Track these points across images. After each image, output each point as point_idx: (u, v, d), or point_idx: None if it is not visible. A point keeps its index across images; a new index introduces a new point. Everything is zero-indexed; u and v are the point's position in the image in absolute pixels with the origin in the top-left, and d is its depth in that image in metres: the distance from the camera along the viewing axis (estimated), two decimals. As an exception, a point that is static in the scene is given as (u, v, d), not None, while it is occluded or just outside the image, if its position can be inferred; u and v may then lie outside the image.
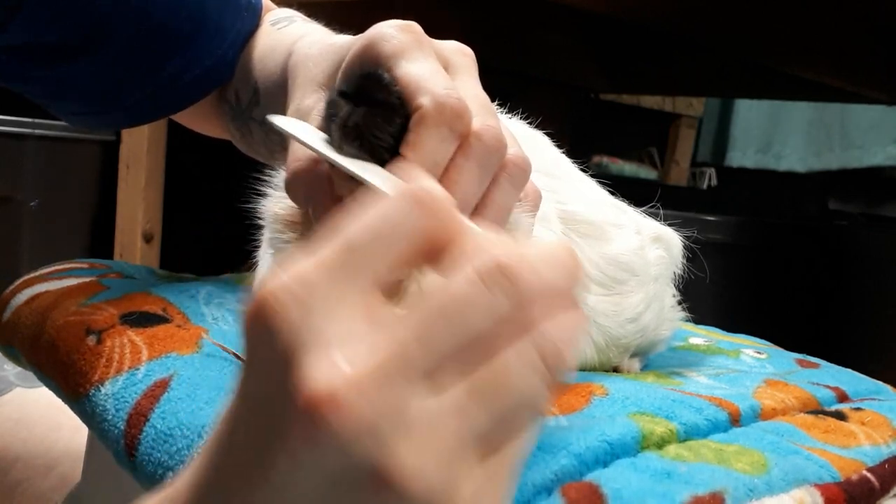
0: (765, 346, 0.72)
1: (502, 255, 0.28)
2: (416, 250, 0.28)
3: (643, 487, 0.37)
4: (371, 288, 0.27)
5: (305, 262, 0.27)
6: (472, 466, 0.27)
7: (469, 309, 0.27)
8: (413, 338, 0.26)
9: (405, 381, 0.26)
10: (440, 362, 0.27)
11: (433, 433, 0.26)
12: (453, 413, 0.27)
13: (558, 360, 0.28)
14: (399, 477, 0.25)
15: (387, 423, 0.25)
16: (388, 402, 0.26)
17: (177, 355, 0.50)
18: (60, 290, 0.59)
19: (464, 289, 0.27)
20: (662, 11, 1.55)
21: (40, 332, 0.54)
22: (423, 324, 0.27)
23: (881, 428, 0.50)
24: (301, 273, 0.27)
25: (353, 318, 0.27)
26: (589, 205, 0.54)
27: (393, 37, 0.41)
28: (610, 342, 0.55)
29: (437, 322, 0.27)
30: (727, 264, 1.41)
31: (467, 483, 0.27)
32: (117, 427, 0.46)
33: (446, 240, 0.29)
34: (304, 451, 0.26)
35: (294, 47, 0.53)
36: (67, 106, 0.67)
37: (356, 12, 1.81)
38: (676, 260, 0.61)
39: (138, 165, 1.69)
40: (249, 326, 0.27)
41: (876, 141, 2.61)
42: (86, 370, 0.50)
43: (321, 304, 0.26)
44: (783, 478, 0.41)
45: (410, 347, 0.26)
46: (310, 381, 0.25)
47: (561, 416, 0.44)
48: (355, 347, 0.26)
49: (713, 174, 3.00)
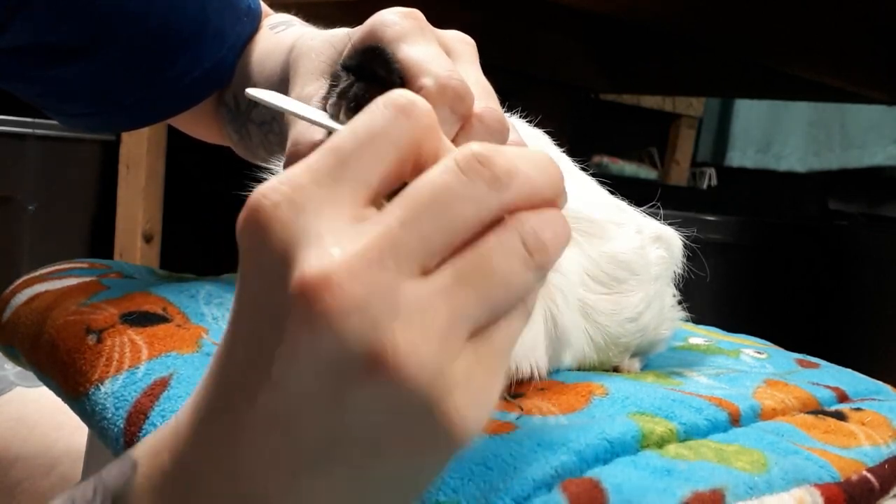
0: (765, 346, 0.72)
1: (480, 147, 0.29)
2: (402, 157, 0.29)
3: (644, 483, 0.37)
4: (361, 191, 0.29)
5: (296, 168, 0.28)
6: (462, 348, 0.28)
7: (449, 195, 0.28)
8: (398, 225, 0.28)
9: (394, 265, 0.27)
10: (426, 248, 0.28)
11: (423, 314, 0.27)
12: (441, 296, 0.28)
13: (541, 248, 0.29)
14: (392, 356, 0.26)
15: (378, 302, 0.26)
16: (378, 282, 0.27)
17: (177, 354, 0.50)
18: (60, 289, 0.59)
19: (443, 177, 0.28)
20: (662, 11, 1.55)
21: (40, 332, 0.54)
22: (407, 211, 0.28)
23: (881, 428, 0.50)
24: (291, 177, 0.28)
25: (342, 216, 0.28)
26: (589, 203, 0.54)
27: (395, 22, 0.41)
28: (609, 341, 0.55)
29: (420, 210, 0.28)
30: (727, 264, 1.41)
31: (458, 364, 0.28)
32: (117, 425, 0.46)
33: (432, 148, 0.30)
34: (301, 338, 0.27)
35: (296, 43, 0.53)
36: (67, 107, 0.67)
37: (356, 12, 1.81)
38: (677, 260, 0.61)
39: (138, 165, 1.69)
40: (243, 228, 0.28)
41: (876, 141, 2.61)
42: (86, 369, 0.50)
43: (312, 203, 0.28)
44: (783, 477, 0.41)
45: (396, 233, 0.27)
46: (303, 267, 0.26)
47: (561, 416, 0.44)
48: (345, 236, 0.27)
49: (713, 174, 3.00)
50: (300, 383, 0.28)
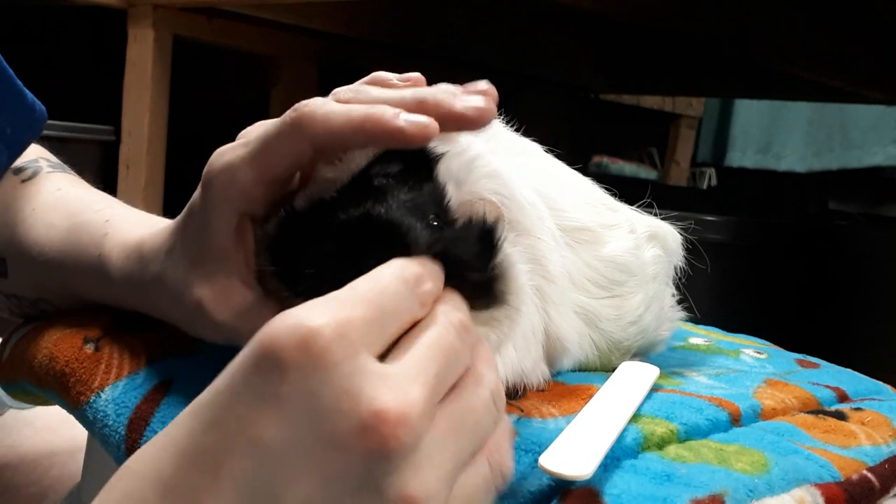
0: (765, 345, 0.71)
1: (462, 314, 0.36)
2: (416, 317, 0.35)
3: (643, 492, 0.37)
4: (388, 340, 0.34)
5: (342, 307, 0.32)
6: (455, 481, 0.33)
7: (455, 353, 0.35)
8: (434, 377, 0.33)
9: (432, 408, 0.32)
10: (441, 393, 0.33)
11: (439, 459, 0.32)
12: (447, 440, 0.33)
13: (499, 398, 0.36)
14: (423, 499, 0.31)
15: (423, 444, 0.31)
16: (426, 425, 0.32)
17: (176, 358, 0.50)
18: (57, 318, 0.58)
19: (448, 337, 0.35)
20: (662, 11, 1.55)
21: (38, 349, 0.54)
22: (439, 367, 0.33)
23: (881, 428, 0.50)
24: (340, 313, 0.32)
25: (374, 359, 0.32)
26: (581, 209, 0.54)
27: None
28: (612, 346, 0.55)
29: (444, 363, 0.34)
30: (727, 264, 1.41)
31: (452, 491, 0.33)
32: (118, 432, 0.46)
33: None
34: (362, 461, 0.30)
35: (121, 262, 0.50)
36: None
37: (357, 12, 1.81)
38: (675, 255, 0.60)
39: (138, 165, 1.69)
40: (289, 349, 0.31)
41: (876, 141, 2.61)
42: (86, 378, 0.50)
43: (362, 343, 0.32)
44: (783, 477, 0.41)
45: (434, 383, 0.33)
46: (380, 402, 0.30)
47: (560, 418, 0.44)
48: (405, 380, 0.31)
49: (713, 174, 3.00)
50: (336, 489, 0.31)
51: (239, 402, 0.31)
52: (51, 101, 0.64)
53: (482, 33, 2.04)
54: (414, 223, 0.37)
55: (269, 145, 0.41)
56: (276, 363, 0.31)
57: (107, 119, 1.74)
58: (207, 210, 0.43)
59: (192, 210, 0.45)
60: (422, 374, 0.32)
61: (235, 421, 0.31)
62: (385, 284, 0.34)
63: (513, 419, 0.43)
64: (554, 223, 0.51)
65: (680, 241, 0.60)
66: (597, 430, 0.40)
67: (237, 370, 0.32)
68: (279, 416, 0.31)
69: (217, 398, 0.32)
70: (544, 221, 0.50)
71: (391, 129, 0.38)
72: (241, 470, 0.31)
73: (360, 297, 0.33)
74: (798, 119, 2.74)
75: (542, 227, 0.49)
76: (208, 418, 0.32)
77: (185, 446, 0.32)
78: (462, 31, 2.00)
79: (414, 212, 0.38)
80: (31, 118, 0.61)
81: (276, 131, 0.40)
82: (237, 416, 0.31)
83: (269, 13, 1.76)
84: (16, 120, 0.60)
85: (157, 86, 1.69)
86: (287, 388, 0.30)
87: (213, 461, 0.31)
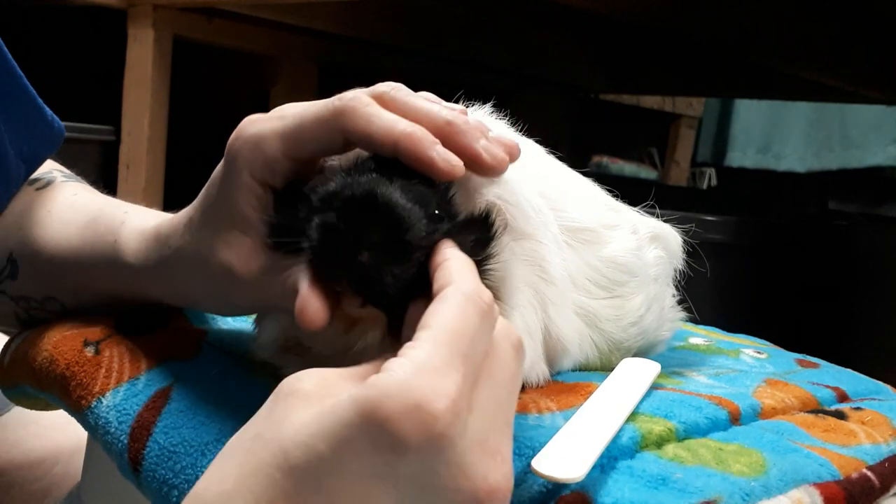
0: (765, 345, 0.71)
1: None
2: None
3: (636, 498, 0.37)
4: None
5: (449, 375, 0.33)
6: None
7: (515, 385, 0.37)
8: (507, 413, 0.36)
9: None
10: None
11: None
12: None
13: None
14: None
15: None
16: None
17: (176, 361, 0.50)
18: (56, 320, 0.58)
19: (513, 370, 0.36)
20: (662, 11, 1.55)
21: (38, 351, 0.54)
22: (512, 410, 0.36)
23: (881, 427, 0.50)
24: (450, 386, 0.32)
25: (493, 427, 0.34)
26: (582, 210, 0.54)
27: None
28: (613, 347, 0.55)
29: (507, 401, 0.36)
30: (727, 264, 1.41)
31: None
32: (120, 441, 0.46)
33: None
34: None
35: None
36: None
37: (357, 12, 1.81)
38: (676, 257, 0.60)
39: (138, 165, 1.69)
40: (411, 430, 0.31)
41: (875, 141, 2.61)
42: (86, 381, 0.50)
43: (465, 411, 0.33)
44: (781, 478, 0.41)
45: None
46: (488, 480, 0.33)
47: (558, 413, 0.44)
48: (497, 448, 0.34)
49: (713, 174, 3.00)
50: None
51: (349, 476, 0.31)
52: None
53: (482, 33, 2.04)
54: (417, 209, 0.38)
55: (304, 126, 0.41)
56: (392, 443, 0.31)
57: (107, 119, 1.74)
58: (232, 175, 0.43)
59: (213, 181, 0.46)
60: (506, 427, 0.35)
61: (346, 493, 0.31)
62: (475, 328, 0.35)
63: None
64: (556, 224, 0.52)
65: (681, 243, 0.60)
66: (592, 429, 0.40)
67: (339, 437, 0.31)
68: (396, 492, 0.32)
69: (316, 465, 0.31)
70: (547, 225, 0.50)
71: (423, 157, 0.39)
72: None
73: (458, 346, 0.33)
74: (798, 119, 2.74)
75: (544, 231, 0.49)
76: (311, 486, 0.32)
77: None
78: (462, 31, 2.00)
79: (418, 201, 0.39)
80: (49, 134, 0.63)
81: (315, 115, 0.41)
82: (347, 488, 0.31)
83: (269, 13, 1.76)
84: (36, 137, 0.61)
85: (157, 86, 1.69)
86: (405, 468, 0.31)
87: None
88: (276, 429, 0.32)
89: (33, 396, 0.57)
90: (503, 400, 0.35)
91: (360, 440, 0.31)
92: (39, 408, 0.60)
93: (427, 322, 0.34)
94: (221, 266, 0.44)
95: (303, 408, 0.32)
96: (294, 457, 0.31)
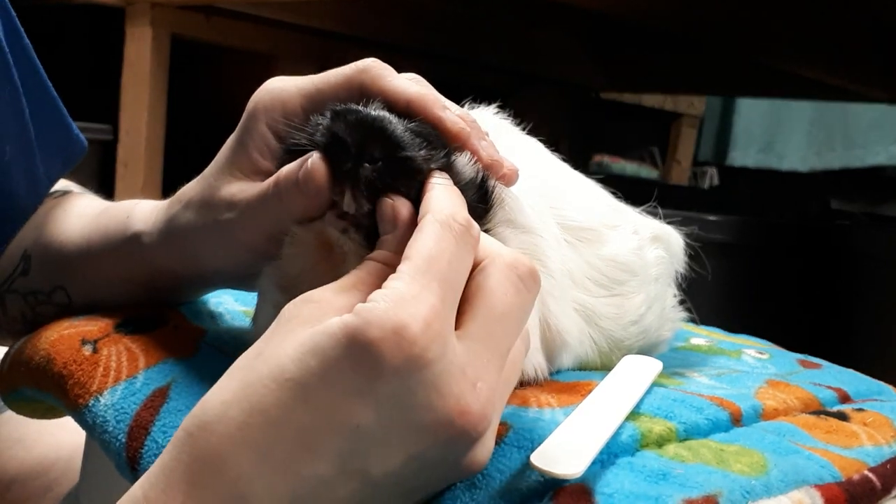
0: (766, 346, 0.71)
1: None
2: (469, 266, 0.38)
3: (635, 491, 0.37)
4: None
5: (426, 295, 0.35)
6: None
7: (517, 312, 0.38)
8: (509, 366, 0.38)
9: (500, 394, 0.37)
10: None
11: (496, 418, 0.38)
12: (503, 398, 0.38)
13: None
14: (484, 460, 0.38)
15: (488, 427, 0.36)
16: (495, 411, 0.37)
17: (174, 360, 0.50)
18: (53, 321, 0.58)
19: (512, 296, 0.38)
20: (663, 9, 1.55)
21: (35, 350, 0.54)
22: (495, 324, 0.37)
23: (883, 428, 0.50)
24: (431, 307, 0.35)
25: (453, 337, 0.36)
26: (583, 209, 0.54)
27: None
28: (613, 345, 0.55)
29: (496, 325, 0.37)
30: (729, 264, 1.40)
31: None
32: (118, 440, 0.46)
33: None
34: (447, 445, 0.35)
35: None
36: None
37: (356, 10, 1.81)
38: (678, 258, 0.60)
39: (136, 164, 1.69)
40: (387, 349, 0.33)
41: (878, 140, 2.61)
42: (84, 380, 0.50)
43: (446, 332, 0.35)
44: (782, 479, 0.40)
45: (505, 369, 0.38)
46: (464, 402, 0.35)
47: (558, 409, 0.44)
48: (479, 371, 0.36)
49: (715, 174, 3.00)
50: (425, 461, 0.36)
51: (334, 390, 0.34)
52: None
53: (482, 31, 2.03)
54: (419, 140, 0.41)
55: (327, 82, 0.45)
56: (373, 363, 0.34)
57: (104, 118, 1.74)
58: (249, 123, 0.47)
59: (229, 139, 0.48)
60: (494, 359, 0.36)
61: (331, 406, 0.34)
62: (451, 252, 0.36)
63: (510, 410, 0.43)
64: (556, 223, 0.52)
65: (683, 245, 0.60)
66: (592, 426, 0.41)
67: (328, 355, 0.34)
68: (375, 407, 0.34)
69: (307, 378, 0.34)
70: (546, 222, 0.50)
71: (433, 115, 0.43)
72: (336, 448, 0.34)
73: (434, 273, 0.35)
74: (800, 118, 2.74)
75: (543, 227, 0.49)
76: (300, 396, 0.34)
77: (276, 418, 0.34)
78: (462, 30, 1.99)
79: (421, 135, 0.41)
80: (72, 151, 0.67)
81: (338, 73, 0.46)
82: (333, 402, 0.34)
83: (268, 11, 1.76)
84: (62, 153, 0.66)
85: (155, 84, 1.69)
86: (383, 386, 0.34)
87: (309, 439, 0.34)
88: (275, 346, 0.35)
89: (32, 400, 0.57)
90: (496, 332, 0.37)
91: (346, 360, 0.34)
92: (38, 415, 0.60)
93: (407, 253, 0.36)
94: (224, 200, 0.47)
95: (301, 328, 0.35)
96: (288, 370, 0.34)
